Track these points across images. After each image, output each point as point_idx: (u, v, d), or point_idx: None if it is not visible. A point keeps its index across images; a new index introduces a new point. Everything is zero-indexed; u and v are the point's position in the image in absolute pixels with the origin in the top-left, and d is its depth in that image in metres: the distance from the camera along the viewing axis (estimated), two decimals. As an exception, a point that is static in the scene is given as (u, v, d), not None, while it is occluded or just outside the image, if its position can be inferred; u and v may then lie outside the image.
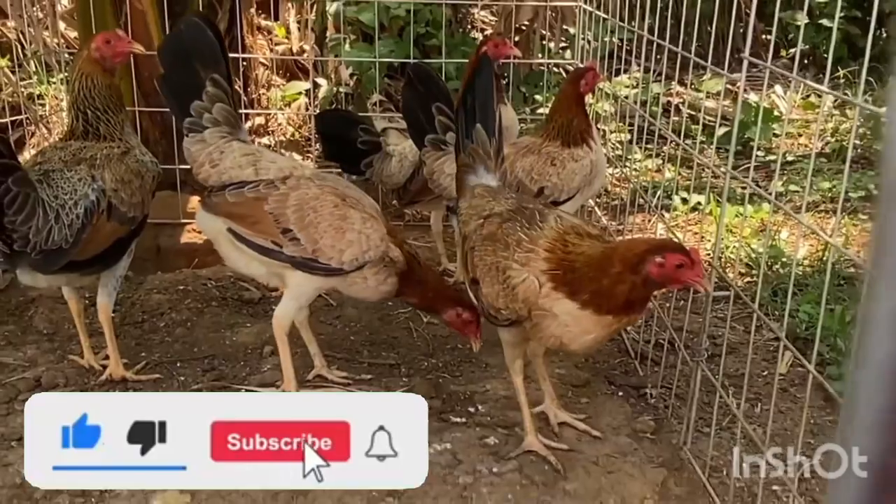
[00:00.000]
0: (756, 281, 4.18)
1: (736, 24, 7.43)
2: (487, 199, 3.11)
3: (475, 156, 3.24)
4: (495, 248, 2.83)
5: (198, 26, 3.25)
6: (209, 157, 3.23)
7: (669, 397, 3.40)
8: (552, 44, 6.73)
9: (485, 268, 2.84)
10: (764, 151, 6.36)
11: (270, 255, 3.14)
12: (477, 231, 2.97)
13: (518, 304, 2.70)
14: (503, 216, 2.94)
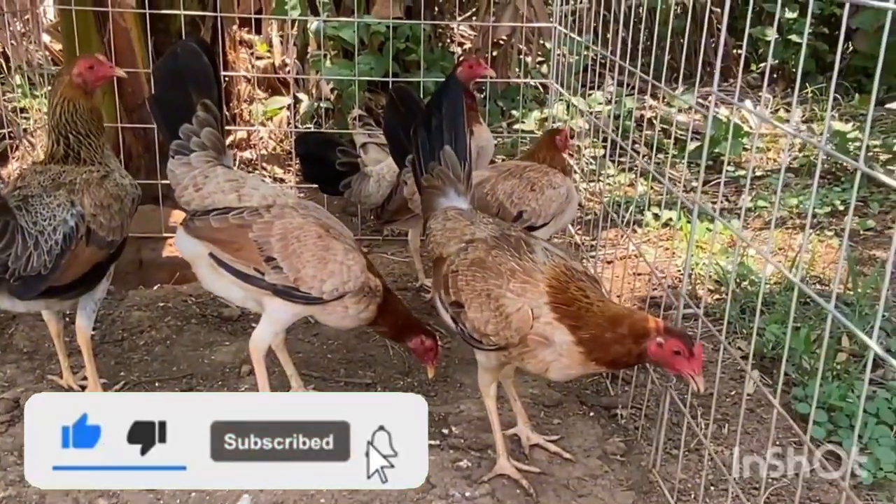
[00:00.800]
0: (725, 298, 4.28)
1: (707, 38, 7.56)
2: (465, 223, 3.16)
3: (444, 178, 3.29)
4: (486, 276, 2.88)
5: (194, 51, 3.28)
6: (193, 181, 3.27)
7: (640, 418, 3.48)
8: (529, 59, 6.82)
9: (472, 293, 2.89)
10: (734, 166, 6.48)
11: (251, 281, 3.18)
12: (460, 255, 3.02)
13: (510, 331, 2.79)
14: (488, 242, 3.01)
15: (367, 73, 5.58)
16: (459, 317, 2.94)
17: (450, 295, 2.97)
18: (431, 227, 3.24)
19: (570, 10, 5.03)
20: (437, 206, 3.29)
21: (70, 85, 3.38)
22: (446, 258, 3.07)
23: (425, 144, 3.31)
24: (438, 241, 3.16)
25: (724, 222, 3.19)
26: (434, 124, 3.30)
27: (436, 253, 3.17)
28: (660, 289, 4.25)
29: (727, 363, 3.84)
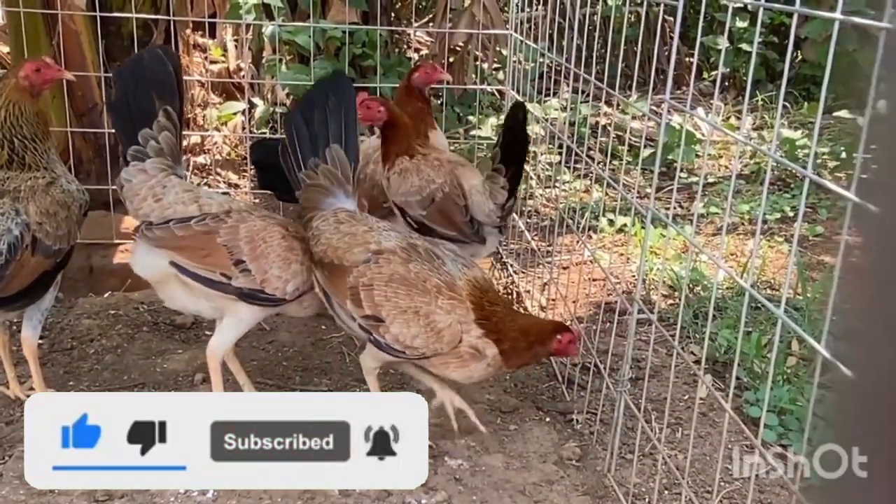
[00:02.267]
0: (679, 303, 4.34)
1: (660, 47, 7.66)
2: (363, 228, 3.16)
3: (332, 177, 3.24)
4: (410, 293, 2.98)
5: (159, 57, 3.24)
6: (152, 192, 3.20)
7: (595, 423, 3.50)
8: (485, 65, 6.84)
9: (395, 310, 2.97)
10: (687, 173, 6.56)
11: (216, 287, 3.16)
12: (371, 268, 3.03)
13: (441, 344, 2.99)
14: (400, 255, 3.06)
15: (323, 79, 5.55)
16: (377, 330, 3.00)
17: (362, 308, 2.99)
18: (320, 227, 3.17)
19: (526, 18, 5.06)
20: (323, 207, 3.24)
21: (16, 88, 3.31)
22: (349, 267, 3.05)
23: (304, 138, 3.26)
24: (335, 246, 3.10)
25: (676, 229, 3.23)
26: (317, 118, 3.26)
27: (329, 257, 3.10)
28: (614, 294, 4.29)
29: (680, 368, 3.88)
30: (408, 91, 4.29)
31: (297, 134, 3.26)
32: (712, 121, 4.91)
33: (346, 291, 3.03)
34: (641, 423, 3.05)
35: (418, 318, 2.96)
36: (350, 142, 3.27)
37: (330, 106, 3.26)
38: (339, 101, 3.27)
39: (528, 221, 4.95)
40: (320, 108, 3.26)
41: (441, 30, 5.82)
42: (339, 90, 3.31)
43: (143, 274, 3.34)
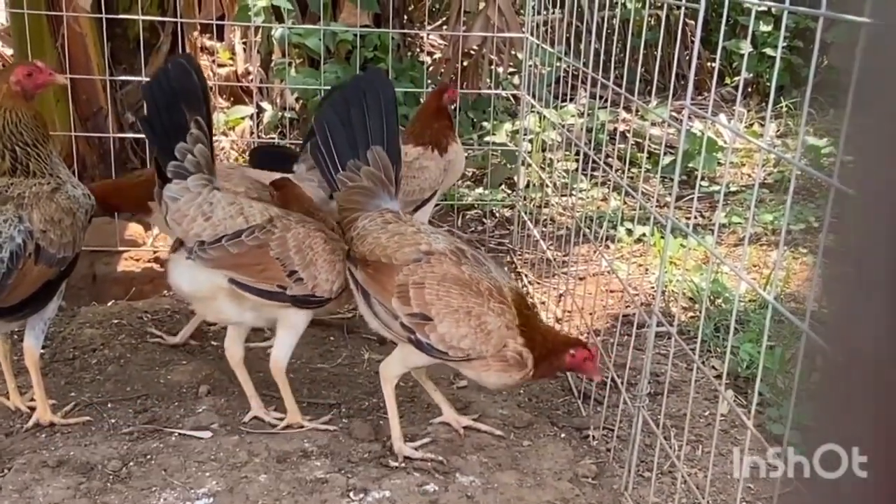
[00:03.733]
0: (699, 316, 4.20)
1: (681, 51, 7.52)
2: (412, 229, 3.18)
3: (375, 179, 3.25)
4: (463, 293, 3.00)
5: (184, 67, 3.14)
6: (201, 210, 3.12)
7: (612, 439, 3.39)
8: (501, 69, 6.72)
9: (446, 309, 2.98)
10: (708, 181, 6.41)
11: (273, 297, 3.18)
12: (422, 266, 3.03)
13: (489, 346, 2.99)
14: (451, 257, 3.07)
15: (333, 83, 5.44)
16: (422, 329, 2.99)
17: (410, 306, 3.00)
18: (367, 227, 3.18)
19: (543, 21, 4.94)
20: (368, 208, 3.25)
21: (9, 94, 3.19)
22: (399, 265, 3.05)
23: (341, 139, 3.24)
24: (383, 245, 3.11)
25: (697, 239, 3.12)
26: (355, 118, 3.23)
27: (376, 255, 3.11)
28: (632, 306, 4.16)
29: (701, 383, 3.76)
30: (438, 110, 4.43)
31: (332, 134, 3.25)
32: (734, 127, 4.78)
33: (394, 289, 3.04)
34: (660, 439, 2.96)
35: (469, 318, 2.98)
36: (392, 142, 3.27)
37: (368, 104, 3.24)
38: (377, 100, 3.26)
39: (543, 230, 4.82)
40: (357, 107, 3.24)
41: (455, 33, 5.70)
42: (378, 87, 3.30)
43: (190, 291, 3.30)
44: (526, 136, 5.45)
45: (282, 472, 3.05)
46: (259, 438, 3.26)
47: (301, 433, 3.31)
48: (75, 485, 2.94)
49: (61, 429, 3.29)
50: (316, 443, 3.26)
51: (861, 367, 0.74)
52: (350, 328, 4.22)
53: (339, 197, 3.29)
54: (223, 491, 2.94)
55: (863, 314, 0.74)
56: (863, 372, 0.74)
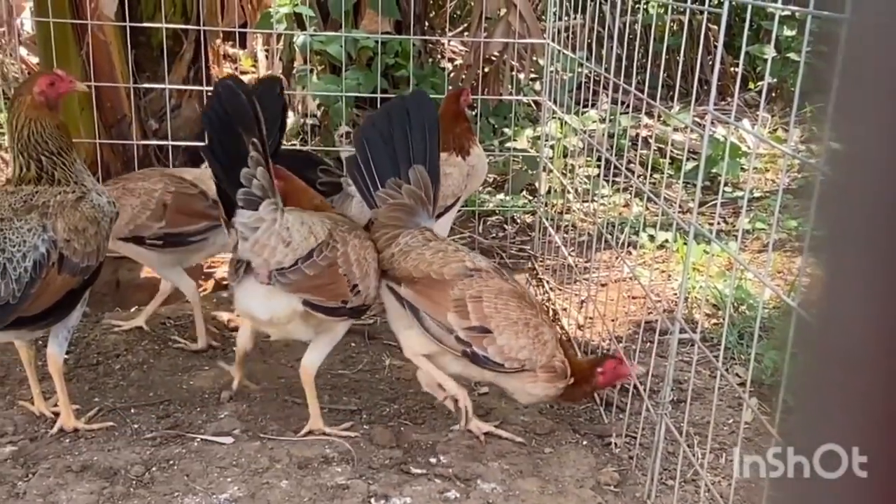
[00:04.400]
0: (723, 322, 4.17)
1: (704, 56, 7.48)
2: (451, 248, 3.27)
3: (416, 198, 3.30)
4: (521, 305, 3.11)
5: (232, 89, 3.06)
6: (281, 238, 3.05)
7: (634, 447, 3.36)
8: (521, 75, 6.71)
9: (506, 321, 3.07)
10: (731, 187, 6.37)
11: (336, 313, 3.20)
12: (476, 281, 3.14)
13: (544, 356, 3.11)
14: (495, 273, 3.22)
15: (355, 89, 5.46)
16: (480, 342, 3.07)
17: (468, 319, 3.07)
18: (409, 244, 3.24)
19: (564, 27, 4.93)
20: (408, 225, 3.30)
21: (33, 105, 3.20)
22: (451, 280, 3.13)
23: (383, 157, 3.28)
24: (428, 261, 3.17)
25: (720, 245, 3.10)
26: (398, 137, 3.27)
27: (422, 272, 3.15)
28: (655, 313, 4.13)
29: (724, 390, 3.72)
30: (457, 114, 4.45)
31: (372, 152, 3.29)
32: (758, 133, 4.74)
33: (449, 304, 3.09)
34: (683, 447, 2.93)
35: (528, 329, 3.08)
36: (433, 162, 3.33)
37: (411, 124, 3.29)
38: (421, 120, 3.31)
39: (564, 236, 4.80)
40: (400, 126, 3.29)
41: (476, 39, 5.70)
42: (422, 108, 3.36)
43: (268, 318, 3.22)
44: (547, 141, 5.43)
45: (303, 478, 3.05)
46: (280, 444, 3.27)
47: (323, 439, 3.31)
48: (99, 489, 2.96)
49: (85, 434, 3.31)
50: (337, 449, 3.26)
51: (846, 362, 0.75)
52: (371, 334, 4.22)
53: (378, 213, 3.33)
54: (245, 496, 2.94)
55: (849, 308, 0.74)
56: (848, 368, 0.74)
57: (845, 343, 0.75)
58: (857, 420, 0.75)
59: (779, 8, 2.98)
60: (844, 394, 0.75)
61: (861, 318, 0.73)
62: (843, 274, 0.76)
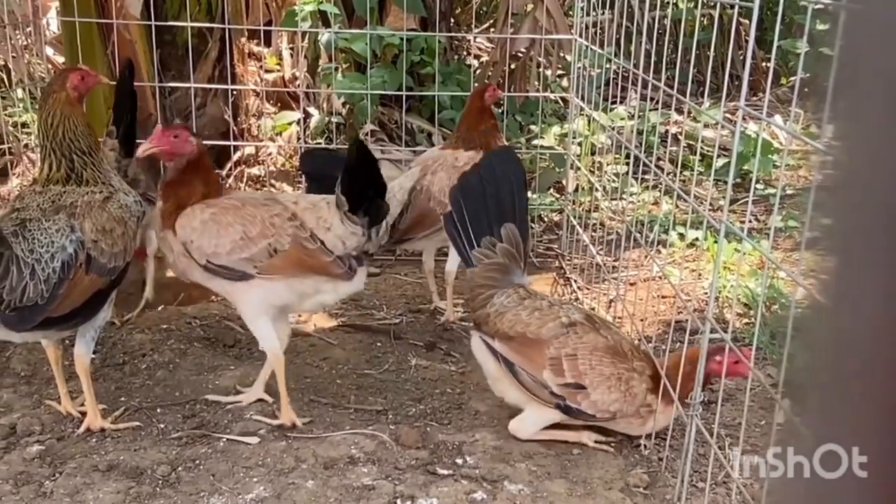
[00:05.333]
0: (754, 322, 4.10)
1: (735, 51, 7.37)
2: (546, 304, 3.35)
3: (509, 256, 3.38)
4: (614, 360, 3.19)
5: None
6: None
7: (664, 448, 3.31)
8: (549, 72, 6.65)
9: (599, 377, 3.16)
10: (763, 184, 6.27)
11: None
12: (571, 338, 3.21)
13: (633, 407, 3.19)
14: (588, 324, 3.27)
15: (380, 87, 5.42)
16: (574, 397, 3.16)
17: (563, 377, 3.16)
18: (505, 304, 3.33)
19: (592, 22, 4.86)
20: (503, 284, 3.37)
21: (67, 101, 3.20)
22: (547, 340, 3.21)
23: (477, 216, 3.39)
24: (525, 321, 3.26)
25: (752, 243, 3.04)
26: (489, 196, 3.38)
27: (518, 331, 3.25)
28: (685, 312, 4.07)
29: (757, 391, 3.64)
30: (481, 111, 4.44)
31: (468, 211, 3.40)
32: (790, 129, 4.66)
33: (545, 362, 3.19)
34: (714, 449, 2.86)
35: (619, 383, 3.16)
36: (523, 219, 3.43)
37: (500, 181, 3.41)
38: (509, 177, 3.43)
39: (592, 235, 4.74)
40: (491, 184, 3.40)
41: (502, 35, 5.65)
42: (510, 165, 3.49)
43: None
44: (575, 138, 5.37)
45: (329, 479, 3.03)
46: (306, 444, 3.25)
47: (348, 439, 3.29)
48: (125, 489, 2.95)
49: (111, 434, 3.30)
50: (363, 449, 3.23)
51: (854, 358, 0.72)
52: (397, 334, 4.19)
53: (474, 273, 3.41)
54: (270, 497, 2.93)
55: (855, 302, 0.73)
56: (856, 364, 0.72)
57: (854, 337, 0.73)
58: (861, 418, 0.73)
59: (811, 2, 2.91)
60: (852, 390, 0.73)
61: (869, 313, 0.71)
62: (851, 267, 0.74)
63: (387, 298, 4.63)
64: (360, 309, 4.52)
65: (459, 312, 4.42)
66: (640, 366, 3.21)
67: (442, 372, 3.90)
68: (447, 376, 3.87)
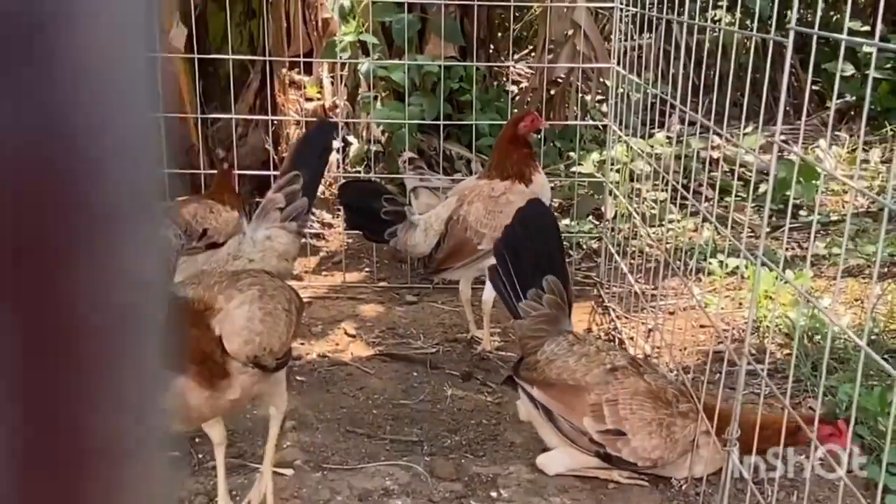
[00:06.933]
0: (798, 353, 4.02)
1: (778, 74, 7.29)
2: (593, 349, 3.37)
3: (555, 306, 3.44)
4: (656, 406, 3.16)
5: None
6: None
7: (701, 483, 3.26)
8: (588, 97, 6.64)
9: (640, 422, 3.13)
10: (807, 210, 6.17)
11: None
12: (612, 384, 3.20)
13: (674, 454, 3.14)
14: (632, 368, 3.28)
15: (418, 115, 5.46)
16: (614, 444, 3.14)
17: (604, 423, 3.15)
18: (556, 352, 3.37)
19: (631, 46, 4.84)
20: (551, 333, 3.41)
21: None
22: (589, 386, 3.22)
23: (521, 270, 3.46)
24: (572, 368, 3.29)
25: (781, 274, 2.98)
26: (530, 250, 3.48)
27: (564, 379, 3.27)
28: (724, 342, 4.02)
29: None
30: (513, 139, 4.43)
31: (513, 265, 3.46)
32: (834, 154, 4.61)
33: (587, 409, 3.19)
34: (751, 485, 2.81)
35: (661, 429, 3.13)
36: (562, 269, 3.51)
37: (536, 236, 3.51)
38: (545, 233, 3.52)
39: (631, 263, 4.70)
40: (529, 239, 3.51)
41: (541, 65, 5.65)
42: (544, 219, 3.59)
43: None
44: (613, 165, 5.35)
45: (363, 511, 3.04)
46: (341, 476, 3.26)
47: (383, 471, 3.30)
48: (161, 520, 2.98)
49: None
50: (398, 481, 3.24)
51: None
52: (434, 363, 4.20)
53: (523, 326, 3.44)
54: (305, 529, 2.94)
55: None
56: None
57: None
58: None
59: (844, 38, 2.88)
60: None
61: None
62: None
63: (424, 327, 4.63)
64: (398, 338, 4.54)
65: (496, 342, 4.42)
66: (685, 408, 3.18)
67: (478, 402, 3.90)
68: (483, 407, 3.86)
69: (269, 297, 2.85)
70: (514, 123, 4.46)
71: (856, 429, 3.29)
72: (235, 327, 2.70)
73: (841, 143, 7.05)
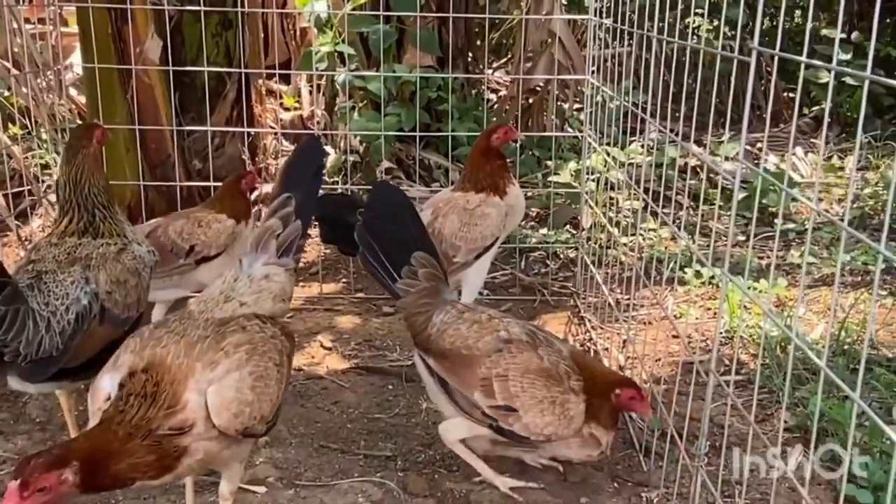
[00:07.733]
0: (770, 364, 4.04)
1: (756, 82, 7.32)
2: (485, 317, 3.30)
3: (433, 277, 3.41)
4: (547, 383, 3.08)
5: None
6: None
7: (672, 498, 3.28)
8: (566, 105, 6.65)
9: (531, 400, 3.04)
10: (783, 219, 6.20)
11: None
12: (505, 357, 3.13)
13: (570, 430, 3.06)
14: (527, 341, 3.19)
15: (395, 125, 5.47)
16: (505, 419, 3.06)
17: (494, 399, 3.07)
18: (445, 320, 3.30)
19: (609, 55, 4.83)
20: (436, 304, 3.37)
21: (94, 158, 3.35)
22: (479, 356, 3.15)
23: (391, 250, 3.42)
24: (464, 335, 3.22)
25: (744, 290, 3.00)
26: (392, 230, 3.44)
27: (457, 347, 3.20)
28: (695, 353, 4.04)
29: (769, 436, 3.61)
30: (487, 151, 4.43)
31: (380, 247, 3.42)
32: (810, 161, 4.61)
33: (476, 382, 3.11)
34: (718, 500, 2.82)
35: (553, 406, 3.05)
36: (426, 242, 3.48)
37: (389, 214, 3.46)
38: (396, 210, 3.48)
39: (608, 273, 4.71)
40: (382, 219, 3.45)
41: (518, 76, 5.65)
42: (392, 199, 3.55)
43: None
44: (590, 174, 5.36)
45: (335, 529, 3.04)
46: (314, 493, 3.27)
47: (356, 487, 3.30)
48: (134, 537, 2.98)
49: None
50: (370, 498, 3.24)
51: None
52: (409, 376, 4.20)
53: (407, 304, 3.40)
54: (276, 547, 2.94)
55: None
56: None
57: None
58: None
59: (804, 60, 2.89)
60: None
61: None
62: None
63: (400, 339, 4.63)
64: (374, 350, 4.54)
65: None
66: (576, 385, 3.10)
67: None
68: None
69: (260, 355, 2.67)
70: (487, 135, 4.46)
71: (826, 440, 3.31)
72: (224, 400, 2.49)
73: (816, 151, 7.08)
